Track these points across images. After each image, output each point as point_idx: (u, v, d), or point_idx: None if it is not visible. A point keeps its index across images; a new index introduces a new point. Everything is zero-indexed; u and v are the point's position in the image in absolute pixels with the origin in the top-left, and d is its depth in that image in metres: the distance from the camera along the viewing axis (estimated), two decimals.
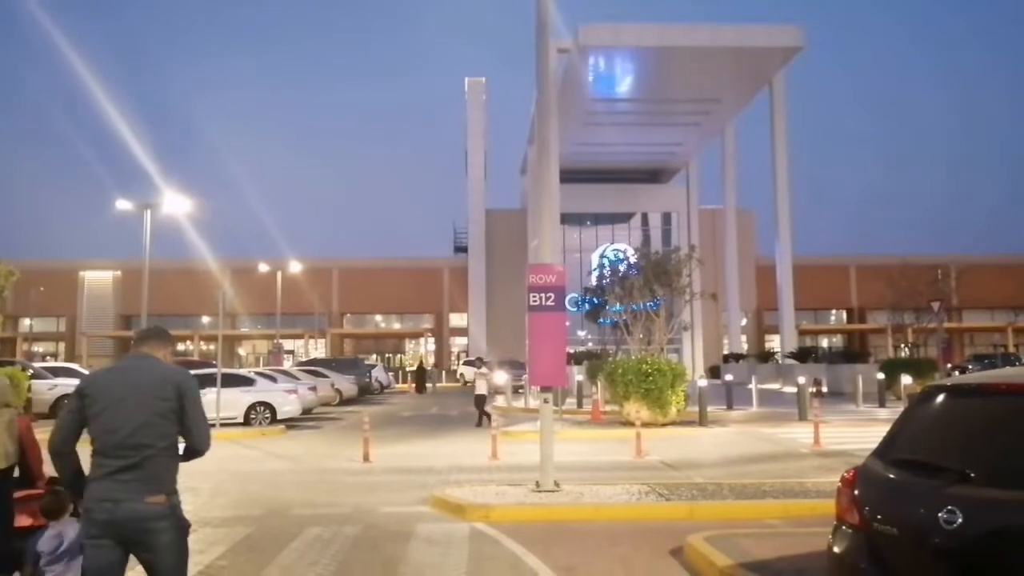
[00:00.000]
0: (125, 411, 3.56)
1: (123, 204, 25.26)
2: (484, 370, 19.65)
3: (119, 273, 57.01)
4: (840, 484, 4.39)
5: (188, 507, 8.94)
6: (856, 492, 4.19)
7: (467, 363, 47.38)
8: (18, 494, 4.70)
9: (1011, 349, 52.06)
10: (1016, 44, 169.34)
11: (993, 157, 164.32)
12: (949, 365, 29.38)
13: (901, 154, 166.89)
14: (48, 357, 54.25)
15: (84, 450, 3.60)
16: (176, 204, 25.89)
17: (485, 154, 56.32)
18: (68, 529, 4.27)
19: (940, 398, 4.30)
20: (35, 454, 4.74)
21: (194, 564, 6.38)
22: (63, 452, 3.61)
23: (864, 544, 4.00)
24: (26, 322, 54.00)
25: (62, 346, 58.46)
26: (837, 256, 59.89)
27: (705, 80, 37.38)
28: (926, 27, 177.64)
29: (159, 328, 4.03)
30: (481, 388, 18.76)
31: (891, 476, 4.09)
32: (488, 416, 16.41)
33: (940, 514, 3.50)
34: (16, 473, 4.76)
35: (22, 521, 4.59)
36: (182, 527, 3.65)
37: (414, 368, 43.52)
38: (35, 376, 21.68)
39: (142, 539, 3.53)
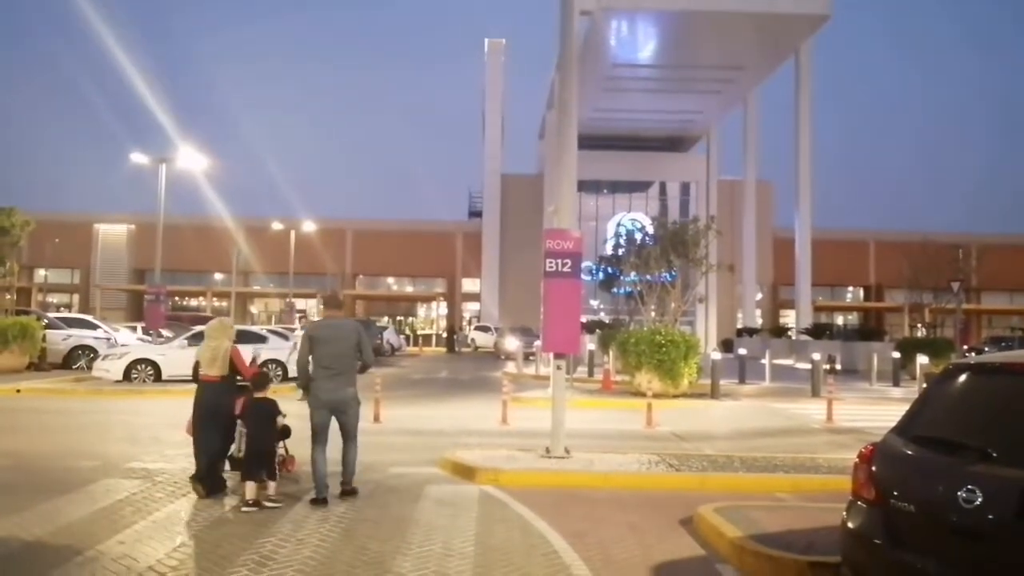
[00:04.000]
0: (335, 345, 6.86)
1: (138, 158, 25.26)
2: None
3: (133, 227, 57.21)
4: (857, 459, 4.34)
5: None
6: (873, 468, 4.14)
7: (478, 328, 47.52)
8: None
9: None
10: None
11: (1020, 134, 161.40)
12: (966, 346, 29.13)
13: (925, 128, 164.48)
14: (62, 308, 54.71)
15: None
16: (191, 160, 25.85)
17: (502, 117, 55.79)
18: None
19: (963, 377, 4.23)
20: (243, 365, 7.53)
21: (205, 516, 6.44)
22: (304, 365, 6.94)
23: (880, 520, 3.96)
24: (41, 273, 54.42)
25: (76, 298, 58.92)
26: (856, 231, 59.16)
27: (729, 47, 36.73)
28: (953, 3, 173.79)
29: (340, 300, 7.67)
30: None
31: (910, 453, 4.04)
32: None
33: (960, 492, 3.46)
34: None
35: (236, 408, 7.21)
36: (359, 402, 7.09)
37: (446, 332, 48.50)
38: (50, 326, 21.87)
39: (343, 408, 6.95)
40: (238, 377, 7.42)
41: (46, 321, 22.17)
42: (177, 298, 55.54)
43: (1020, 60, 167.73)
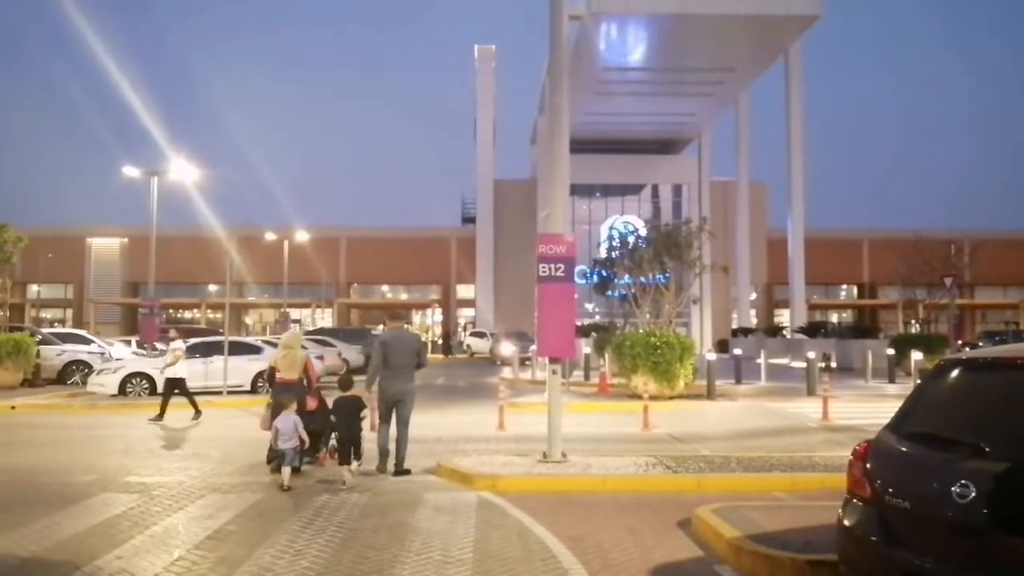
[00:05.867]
0: (400, 352, 8.78)
1: (130, 171, 25.24)
2: (178, 345, 14.27)
3: (126, 240, 56.98)
4: (852, 457, 4.35)
5: (196, 473, 9.01)
6: (868, 465, 4.16)
7: (474, 334, 47.48)
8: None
9: (1023, 326, 51.65)
10: None
11: (1012, 131, 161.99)
12: (960, 341, 29.23)
13: (917, 127, 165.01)
14: (56, 323, 54.48)
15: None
16: (183, 171, 25.82)
17: (494, 123, 55.79)
18: (292, 418, 8.19)
19: (955, 372, 4.25)
20: (313, 372, 9.38)
21: (203, 529, 6.43)
22: (376, 369, 8.80)
23: (875, 517, 3.98)
24: (34, 288, 54.20)
25: (70, 313, 58.66)
26: (850, 230, 59.28)
27: (720, 48, 36.81)
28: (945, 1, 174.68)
29: (403, 314, 10.34)
30: (178, 371, 13.89)
31: (904, 449, 4.05)
32: (196, 410, 13.76)
33: (953, 488, 3.47)
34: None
35: (310, 405, 9.05)
36: (415, 395, 9.06)
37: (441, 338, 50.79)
38: (43, 342, 21.78)
39: (403, 399, 8.81)
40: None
41: (40, 337, 22.08)
42: (171, 311, 55.37)
43: (1003, 61, 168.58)
